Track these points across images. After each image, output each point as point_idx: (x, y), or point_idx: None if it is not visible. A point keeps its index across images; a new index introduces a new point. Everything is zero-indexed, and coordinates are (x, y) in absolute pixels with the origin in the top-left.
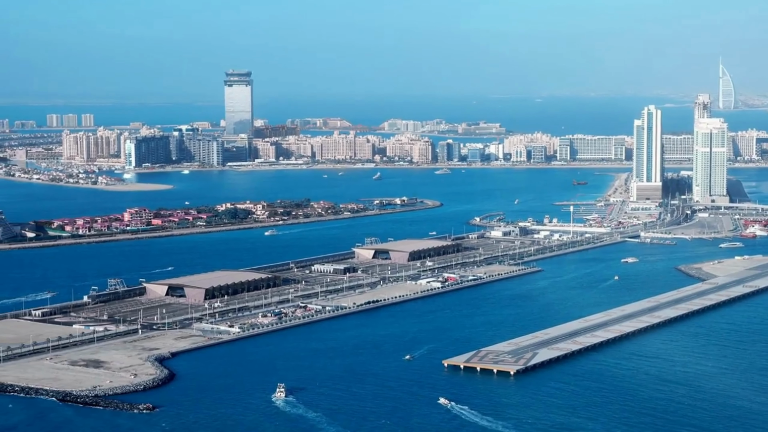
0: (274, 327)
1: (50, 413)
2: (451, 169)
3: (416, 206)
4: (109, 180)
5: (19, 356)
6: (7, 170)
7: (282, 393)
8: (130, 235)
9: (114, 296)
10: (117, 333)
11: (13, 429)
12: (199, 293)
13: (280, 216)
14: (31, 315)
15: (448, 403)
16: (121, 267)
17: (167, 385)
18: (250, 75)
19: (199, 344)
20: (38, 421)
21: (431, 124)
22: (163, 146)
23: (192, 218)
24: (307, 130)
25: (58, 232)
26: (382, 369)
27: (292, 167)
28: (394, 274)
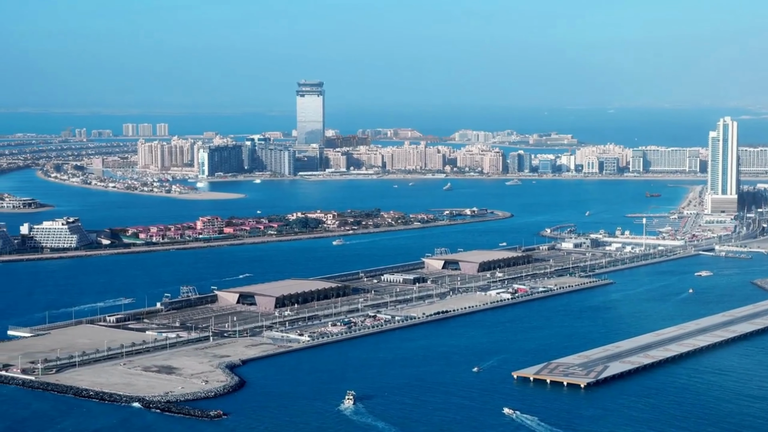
0: (344, 336)
1: (123, 418)
2: (521, 180)
3: (486, 217)
4: (182, 188)
5: (94, 361)
6: (84, 178)
7: (350, 400)
8: (202, 243)
9: (186, 303)
10: (189, 340)
11: None
12: (270, 301)
13: (350, 226)
14: (105, 321)
15: (513, 413)
16: (194, 275)
17: (237, 392)
18: (322, 85)
19: (269, 352)
20: (111, 426)
21: (502, 134)
22: (235, 156)
23: (263, 227)
24: (377, 140)
25: (132, 239)
26: (451, 380)
27: (362, 177)
28: (463, 284)
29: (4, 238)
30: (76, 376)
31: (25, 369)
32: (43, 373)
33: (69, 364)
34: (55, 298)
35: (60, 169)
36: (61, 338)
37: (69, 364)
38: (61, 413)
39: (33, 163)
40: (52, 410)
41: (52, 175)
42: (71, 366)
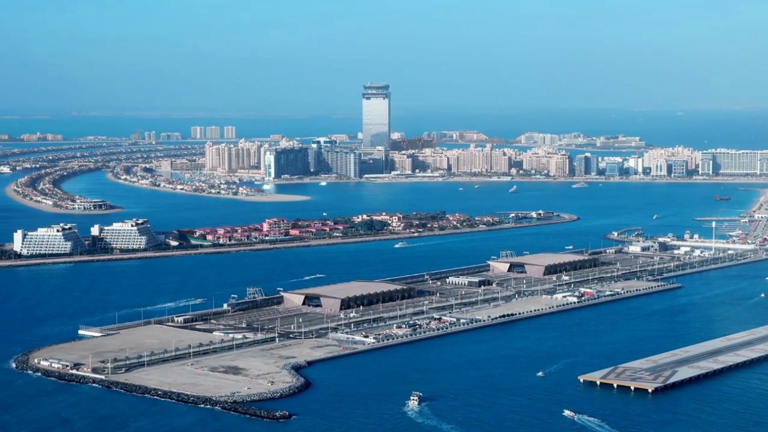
0: (409, 338)
1: (188, 417)
2: (588, 182)
3: (552, 220)
4: (249, 191)
5: (162, 361)
6: (153, 180)
7: (415, 401)
8: (268, 245)
9: (252, 305)
10: (255, 341)
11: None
12: (335, 303)
13: (416, 228)
14: (173, 321)
15: (574, 415)
16: (260, 276)
17: (303, 393)
18: (387, 88)
19: (334, 354)
20: (174, 425)
21: (569, 137)
22: (301, 158)
23: (329, 229)
24: (443, 143)
25: (199, 241)
26: (516, 383)
27: (428, 180)
28: (529, 287)
29: (75, 239)
30: (145, 375)
31: (95, 368)
32: (113, 372)
33: (138, 363)
34: (124, 298)
35: (129, 172)
36: (130, 338)
37: (138, 363)
38: (139, 413)
39: (104, 165)
40: (129, 409)
41: (121, 177)
42: (140, 366)
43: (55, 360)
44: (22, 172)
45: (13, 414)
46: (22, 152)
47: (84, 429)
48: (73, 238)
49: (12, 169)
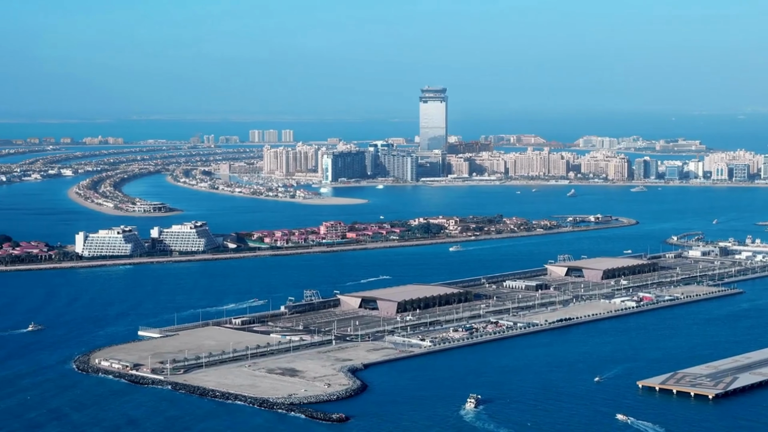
0: (465, 342)
1: (249, 419)
2: (647, 186)
3: (611, 224)
4: (306, 194)
5: (220, 363)
6: (212, 183)
7: (472, 403)
8: (325, 248)
9: (309, 307)
10: (312, 343)
11: None
12: (392, 306)
13: (473, 231)
14: (231, 323)
15: (627, 419)
16: (317, 279)
17: (359, 395)
18: (445, 91)
19: (390, 356)
20: (234, 426)
21: (628, 140)
22: (358, 161)
23: (385, 232)
24: (500, 146)
25: (257, 243)
26: (574, 388)
27: (485, 183)
28: (587, 292)
29: (135, 241)
30: (203, 376)
31: (154, 369)
32: (172, 373)
33: (196, 365)
34: (183, 300)
35: (189, 175)
36: (188, 339)
37: (196, 365)
38: (204, 414)
39: (163, 168)
40: (194, 410)
41: (181, 180)
42: (198, 367)
43: (115, 360)
44: (84, 175)
45: (83, 413)
46: (84, 155)
47: (152, 429)
48: (133, 240)
49: (74, 172)
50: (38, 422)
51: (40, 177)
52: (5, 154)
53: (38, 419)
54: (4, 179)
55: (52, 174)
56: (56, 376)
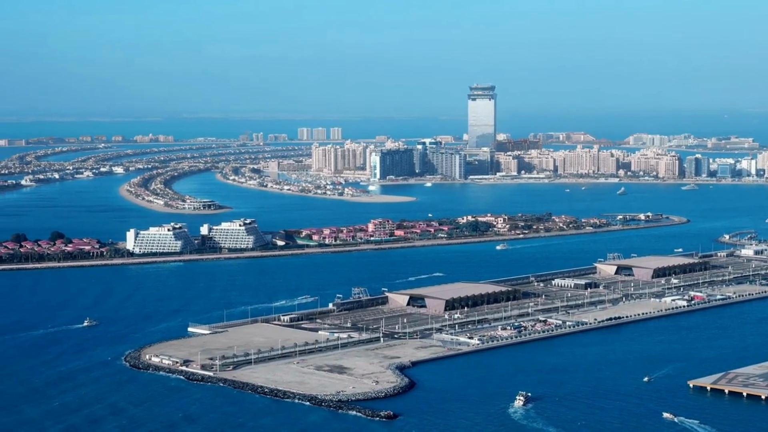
0: (514, 340)
1: (303, 416)
2: (698, 184)
3: (661, 222)
4: (354, 191)
5: (269, 359)
6: (261, 181)
7: (521, 401)
8: (373, 246)
9: (357, 304)
10: (360, 340)
11: (263, 429)
12: (440, 304)
13: (521, 229)
14: (279, 320)
15: (674, 418)
16: (365, 276)
17: (407, 393)
18: (493, 89)
19: (438, 354)
20: (286, 423)
21: (679, 138)
22: (407, 159)
23: (433, 230)
24: (549, 144)
25: (306, 241)
26: (624, 387)
27: (533, 181)
28: (637, 290)
29: (185, 239)
30: (252, 373)
31: (204, 365)
32: (221, 369)
33: (245, 361)
34: (232, 297)
35: (238, 172)
36: (237, 336)
37: (245, 361)
38: (258, 410)
39: (213, 166)
40: (249, 406)
41: (230, 178)
42: (247, 363)
43: (165, 356)
44: (135, 172)
45: (140, 408)
46: (135, 153)
47: (210, 425)
48: (183, 237)
49: (125, 170)
50: (97, 416)
51: (92, 175)
52: (58, 152)
53: (97, 414)
54: (57, 177)
55: (104, 171)
56: (113, 372)
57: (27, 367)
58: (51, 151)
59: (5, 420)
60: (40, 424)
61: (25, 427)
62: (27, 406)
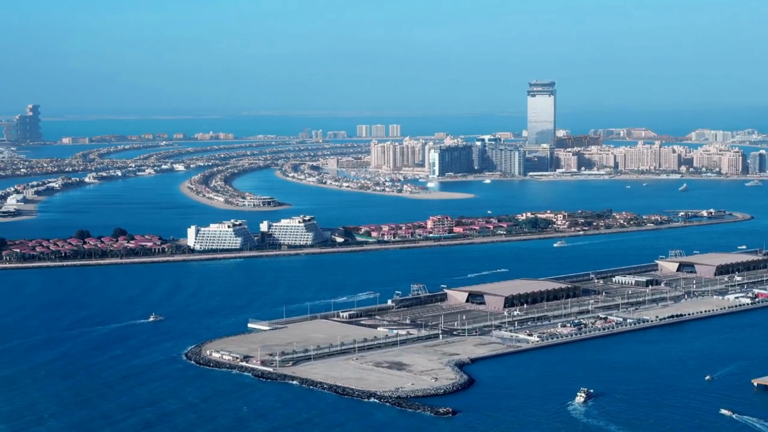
0: (573, 337)
1: (357, 411)
2: (762, 180)
3: (724, 219)
4: (413, 188)
5: (328, 355)
6: (320, 178)
7: (582, 397)
8: (432, 242)
9: (416, 301)
10: (419, 337)
11: (320, 425)
12: (499, 301)
13: (581, 226)
14: (339, 317)
15: (731, 414)
16: (424, 273)
17: (467, 390)
18: (553, 85)
19: (497, 351)
20: (347, 419)
21: (742, 134)
22: (465, 156)
23: (493, 227)
24: (610, 140)
25: (364, 237)
26: (686, 385)
27: (593, 177)
28: (699, 288)
29: (245, 235)
30: (311, 369)
31: (264, 361)
32: (281, 365)
33: (304, 357)
34: (291, 293)
35: (297, 169)
36: (297, 332)
37: (304, 357)
38: (327, 406)
39: (272, 163)
40: (317, 402)
41: (289, 175)
42: (306, 359)
43: (225, 352)
44: (196, 169)
45: (210, 403)
46: (195, 151)
47: (278, 421)
48: (243, 233)
49: (186, 167)
50: (168, 411)
51: (153, 172)
52: (121, 150)
53: (168, 408)
54: (120, 174)
55: (165, 169)
56: (181, 367)
57: (98, 361)
58: (114, 149)
59: (82, 414)
60: (112, 418)
61: (99, 421)
62: (100, 400)
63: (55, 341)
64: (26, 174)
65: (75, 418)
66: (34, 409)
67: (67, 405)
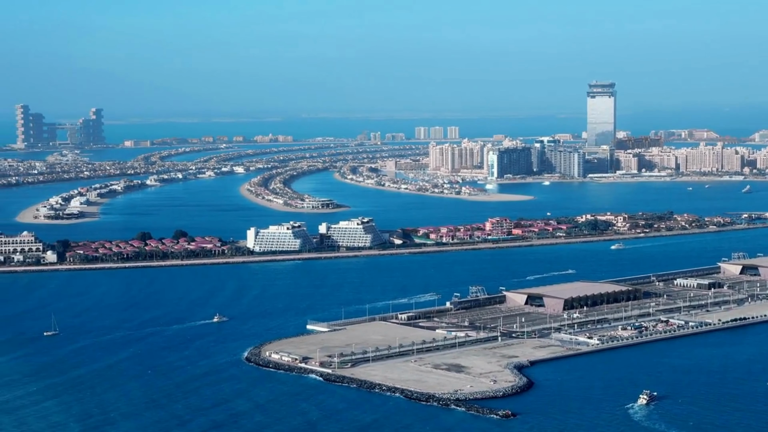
0: (634, 340)
1: (410, 413)
2: None
3: None
4: (472, 190)
5: (386, 357)
6: (378, 180)
7: (645, 399)
8: (491, 244)
9: (475, 303)
10: (477, 339)
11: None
12: (558, 303)
13: (641, 228)
14: (397, 318)
15: None
16: (482, 275)
17: (526, 392)
18: (613, 86)
19: (557, 354)
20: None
21: None
22: (524, 157)
23: (552, 229)
24: (671, 141)
25: (423, 239)
26: (750, 389)
27: (654, 179)
28: (763, 291)
29: (304, 237)
30: (370, 370)
31: (322, 362)
32: (339, 366)
33: (363, 359)
34: (350, 294)
35: (355, 171)
36: (355, 334)
37: (363, 359)
38: (395, 410)
39: (331, 165)
40: (384, 406)
41: (348, 177)
42: (365, 361)
43: (284, 353)
44: (255, 172)
45: (279, 404)
46: (255, 153)
47: (350, 423)
48: (302, 235)
49: (246, 170)
50: (238, 412)
51: (213, 174)
52: (181, 153)
53: (237, 409)
54: (181, 176)
55: (225, 171)
56: (248, 368)
57: (166, 362)
58: (175, 151)
59: (157, 414)
60: (183, 418)
61: (172, 420)
62: (168, 400)
63: (125, 341)
64: (89, 177)
65: (146, 419)
66: (105, 409)
67: (137, 405)
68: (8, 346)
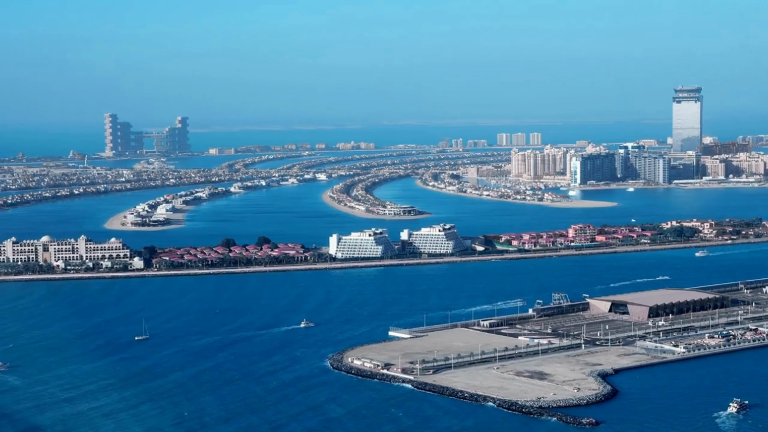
0: (722, 349)
1: (496, 420)
2: None
3: None
4: (554, 197)
5: (468, 364)
6: (460, 187)
7: (735, 408)
8: (573, 251)
9: (558, 310)
10: (560, 347)
11: None
12: (643, 311)
13: (729, 235)
14: (479, 325)
15: None
16: (565, 282)
17: (610, 401)
18: (699, 91)
19: (642, 362)
20: (485, 427)
21: None
22: (608, 164)
23: (636, 235)
24: (759, 146)
25: (505, 246)
26: None
27: (742, 185)
28: None
29: (386, 244)
30: (452, 377)
31: (404, 369)
32: (421, 373)
33: (445, 365)
34: (432, 301)
35: (437, 178)
36: (437, 340)
37: (445, 365)
38: (487, 421)
39: (412, 172)
40: (481, 418)
41: (429, 184)
42: (447, 368)
43: (367, 359)
44: (337, 179)
45: (372, 411)
46: (337, 160)
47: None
48: (384, 242)
49: (328, 177)
50: (332, 417)
51: (296, 181)
52: (265, 160)
53: (331, 414)
54: (264, 184)
55: (308, 178)
56: (338, 375)
57: (258, 367)
58: (258, 159)
59: (252, 419)
60: (276, 423)
61: (265, 426)
62: (261, 405)
63: (215, 347)
64: (175, 184)
65: (240, 424)
66: (199, 413)
67: (231, 410)
68: (103, 351)
